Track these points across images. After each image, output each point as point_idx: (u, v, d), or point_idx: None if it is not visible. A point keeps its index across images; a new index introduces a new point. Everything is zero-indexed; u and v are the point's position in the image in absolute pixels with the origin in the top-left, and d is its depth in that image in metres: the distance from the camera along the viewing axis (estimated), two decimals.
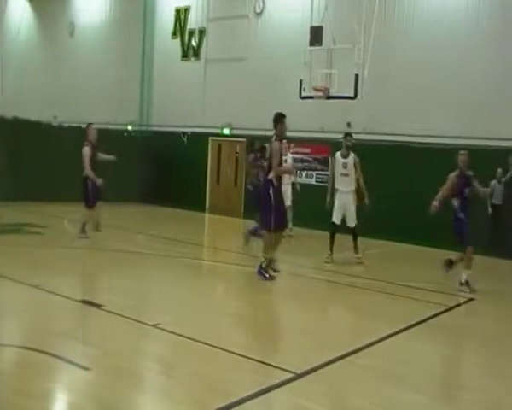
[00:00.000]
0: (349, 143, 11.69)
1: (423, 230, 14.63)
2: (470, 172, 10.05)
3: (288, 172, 12.18)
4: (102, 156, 12.42)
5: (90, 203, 12.03)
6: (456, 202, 9.99)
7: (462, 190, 10.02)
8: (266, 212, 9.55)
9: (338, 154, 11.80)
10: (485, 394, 5.57)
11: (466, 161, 10.06)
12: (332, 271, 10.69)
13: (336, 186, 11.70)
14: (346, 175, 11.64)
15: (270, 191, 9.56)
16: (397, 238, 14.69)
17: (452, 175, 10.13)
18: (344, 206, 11.67)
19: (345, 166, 11.65)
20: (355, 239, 11.67)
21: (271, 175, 9.61)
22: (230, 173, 20.19)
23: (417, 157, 15.55)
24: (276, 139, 9.77)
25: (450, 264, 10.20)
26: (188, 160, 20.33)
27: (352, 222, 11.66)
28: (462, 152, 10.24)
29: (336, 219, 11.73)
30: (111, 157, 12.52)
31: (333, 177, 11.84)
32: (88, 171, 11.98)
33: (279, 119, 9.90)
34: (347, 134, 12.06)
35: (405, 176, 15.70)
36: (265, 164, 10.17)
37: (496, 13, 14.86)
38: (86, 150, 12.13)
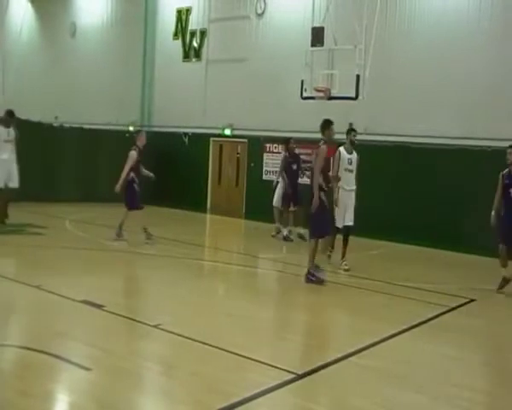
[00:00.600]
0: (353, 139, 11.38)
1: (424, 230, 14.65)
2: None
3: (334, 180, 11.14)
4: (143, 171, 12.48)
5: (133, 205, 12.12)
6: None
7: (509, 190, 9.93)
8: (315, 217, 9.67)
9: (342, 149, 11.32)
10: (486, 394, 5.57)
11: None
12: (332, 271, 10.67)
13: (339, 183, 11.18)
14: (351, 171, 11.25)
15: (322, 196, 9.70)
16: (397, 239, 14.66)
17: (502, 174, 10.14)
18: (346, 206, 11.16)
19: (350, 161, 11.26)
20: (346, 241, 11.06)
21: (320, 180, 9.72)
22: (232, 174, 20.18)
23: (418, 158, 15.54)
24: (323, 143, 9.84)
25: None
26: (189, 160, 20.33)
27: (349, 221, 11.09)
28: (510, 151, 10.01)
29: (340, 223, 11.12)
30: (151, 175, 12.54)
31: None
32: (124, 174, 11.99)
33: (326, 125, 10.00)
34: (352, 129, 11.65)
35: (406, 176, 15.68)
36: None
37: (497, 13, 14.84)
38: (133, 154, 12.18)
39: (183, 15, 21.43)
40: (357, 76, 13.67)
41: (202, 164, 20.46)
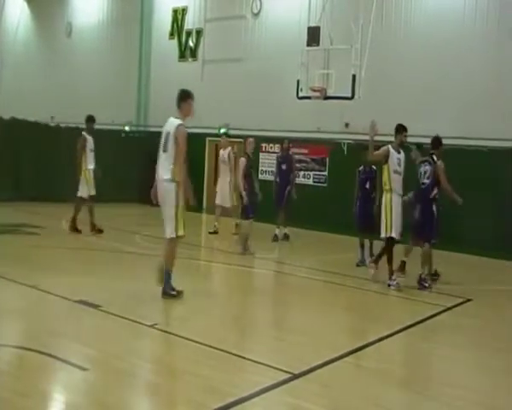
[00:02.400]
0: (405, 140, 10.35)
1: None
2: None
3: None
4: (255, 179, 12.90)
5: (248, 215, 12.01)
6: None
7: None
8: (430, 226, 10.20)
9: (391, 147, 10.23)
10: (483, 394, 5.58)
11: None
12: (330, 272, 10.68)
13: (392, 185, 10.12)
14: (400, 174, 10.19)
15: (434, 208, 10.17)
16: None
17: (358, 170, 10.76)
18: (398, 214, 10.07)
19: (399, 162, 10.17)
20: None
21: (435, 192, 10.12)
22: None
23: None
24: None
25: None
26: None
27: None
28: None
29: (396, 232, 9.92)
30: (257, 192, 12.54)
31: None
32: (238, 181, 12.16)
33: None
34: (404, 128, 10.49)
35: (404, 177, 15.65)
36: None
37: (493, 13, 14.85)
38: (242, 161, 12.21)
39: (178, 15, 21.42)
40: (353, 76, 13.65)
41: (198, 164, 20.42)
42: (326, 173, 17.42)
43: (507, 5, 14.69)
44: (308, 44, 14.51)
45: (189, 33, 21.13)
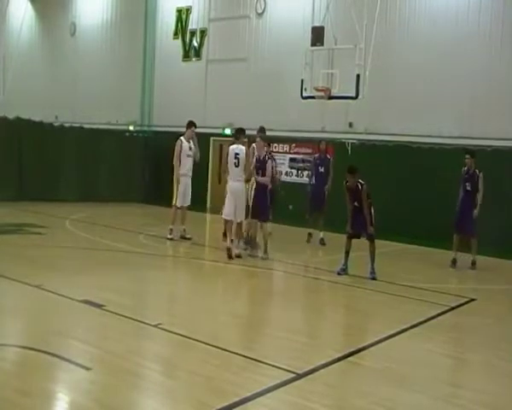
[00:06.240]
0: None
1: (424, 230, 14.64)
2: None
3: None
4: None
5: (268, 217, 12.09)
6: None
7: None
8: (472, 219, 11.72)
9: None
10: (486, 394, 5.56)
11: None
12: (331, 271, 10.67)
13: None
14: None
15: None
16: (397, 239, 14.67)
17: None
18: None
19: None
20: None
21: None
22: None
23: (419, 157, 15.53)
24: None
25: None
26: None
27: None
28: None
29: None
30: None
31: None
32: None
33: None
34: None
35: (406, 176, 15.68)
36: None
37: (497, 14, 14.85)
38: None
39: (183, 15, 21.43)
40: (358, 75, 13.66)
41: (202, 163, 20.41)
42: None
43: (511, 6, 14.67)
44: (312, 44, 14.51)
45: (193, 33, 21.15)
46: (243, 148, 11.46)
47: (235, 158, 11.30)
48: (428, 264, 12.52)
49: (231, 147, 11.54)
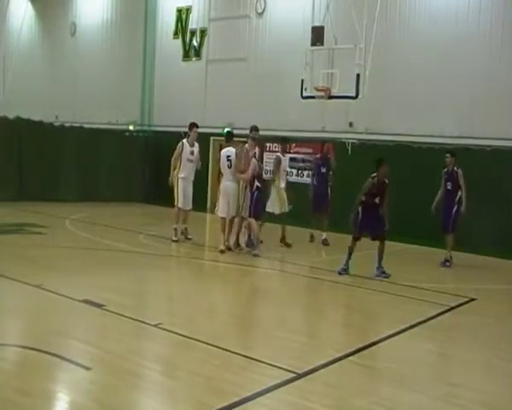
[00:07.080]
0: None
1: (424, 230, 14.62)
2: None
3: None
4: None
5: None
6: None
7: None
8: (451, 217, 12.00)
9: None
10: (486, 394, 5.56)
11: None
12: (332, 271, 10.66)
13: None
14: None
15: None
16: (398, 239, 14.64)
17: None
18: None
19: None
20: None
21: None
22: None
23: (419, 157, 15.52)
24: None
25: None
26: None
27: None
28: None
29: None
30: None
31: None
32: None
33: None
34: None
35: (407, 176, 15.66)
36: None
37: (497, 14, 14.84)
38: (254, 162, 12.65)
39: (183, 14, 21.43)
40: (358, 75, 13.65)
41: (202, 163, 20.40)
42: (330, 173, 17.36)
43: (511, 6, 14.66)
44: (312, 44, 14.50)
45: (193, 33, 21.14)
46: (233, 150, 12.22)
47: (228, 160, 12.15)
48: (429, 264, 12.52)
49: (222, 151, 12.47)
